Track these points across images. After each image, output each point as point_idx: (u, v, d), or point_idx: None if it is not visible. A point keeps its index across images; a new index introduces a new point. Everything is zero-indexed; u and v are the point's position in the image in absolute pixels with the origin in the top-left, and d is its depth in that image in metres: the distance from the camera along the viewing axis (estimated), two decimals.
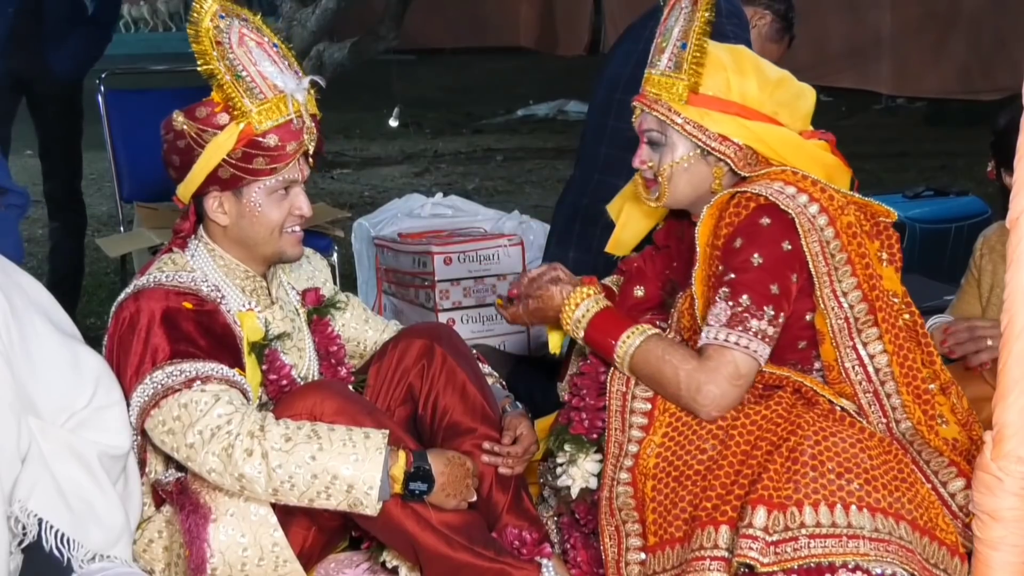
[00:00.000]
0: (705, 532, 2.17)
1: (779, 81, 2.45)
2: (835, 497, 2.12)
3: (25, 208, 2.82)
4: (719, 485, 2.22)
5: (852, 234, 2.32)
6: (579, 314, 2.43)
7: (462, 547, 2.37)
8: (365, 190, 7.75)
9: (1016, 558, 2.11)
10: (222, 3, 2.38)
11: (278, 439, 2.27)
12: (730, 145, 2.40)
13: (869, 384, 2.32)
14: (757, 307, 2.27)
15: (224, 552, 2.35)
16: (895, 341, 2.32)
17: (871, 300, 2.31)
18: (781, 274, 2.30)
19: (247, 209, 2.44)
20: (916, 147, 8.73)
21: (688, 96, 2.39)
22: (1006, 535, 2.11)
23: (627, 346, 2.36)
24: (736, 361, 2.27)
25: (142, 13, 16.22)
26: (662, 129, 2.44)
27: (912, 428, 2.32)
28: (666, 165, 2.44)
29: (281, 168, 2.41)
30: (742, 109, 2.40)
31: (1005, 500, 2.09)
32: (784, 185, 2.34)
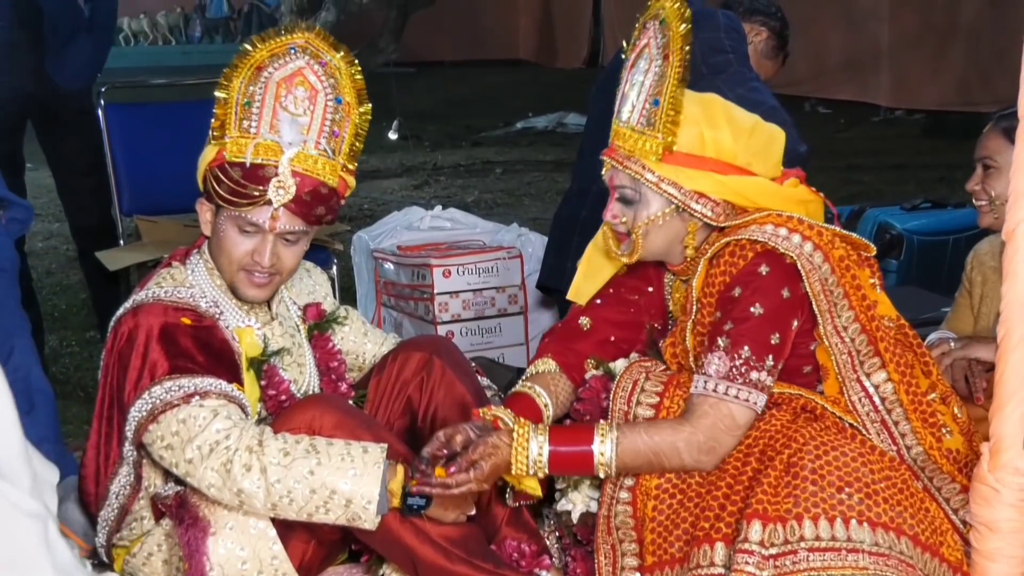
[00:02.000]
0: (701, 550, 2.17)
1: (751, 129, 2.40)
2: (835, 511, 2.12)
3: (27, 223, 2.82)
4: (716, 505, 2.22)
5: (845, 267, 2.31)
6: (534, 451, 2.26)
7: (461, 560, 2.37)
8: (364, 203, 7.76)
9: (1013, 569, 2.11)
10: (311, 40, 2.40)
11: (276, 454, 2.27)
12: (707, 202, 2.36)
13: (876, 414, 2.31)
14: (758, 358, 2.25)
15: (223, 565, 2.35)
16: (899, 368, 2.31)
17: (870, 331, 2.30)
18: (782, 323, 2.28)
19: (218, 230, 2.46)
20: (914, 159, 8.74)
21: (663, 154, 2.34)
22: (1003, 546, 2.12)
23: (607, 452, 2.27)
24: (733, 413, 2.25)
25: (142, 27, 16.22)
26: (635, 186, 2.38)
27: (924, 453, 2.31)
28: (641, 223, 2.39)
29: (244, 206, 2.39)
30: (716, 164, 2.35)
31: (1002, 511, 2.10)
32: (776, 227, 2.31)
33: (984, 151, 2.74)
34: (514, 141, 10.53)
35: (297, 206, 2.40)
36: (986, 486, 2.13)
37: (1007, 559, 2.12)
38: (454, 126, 11.16)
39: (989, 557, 2.14)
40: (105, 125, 4.59)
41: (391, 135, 10.13)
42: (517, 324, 4.33)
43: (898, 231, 4.65)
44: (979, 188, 2.75)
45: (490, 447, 2.27)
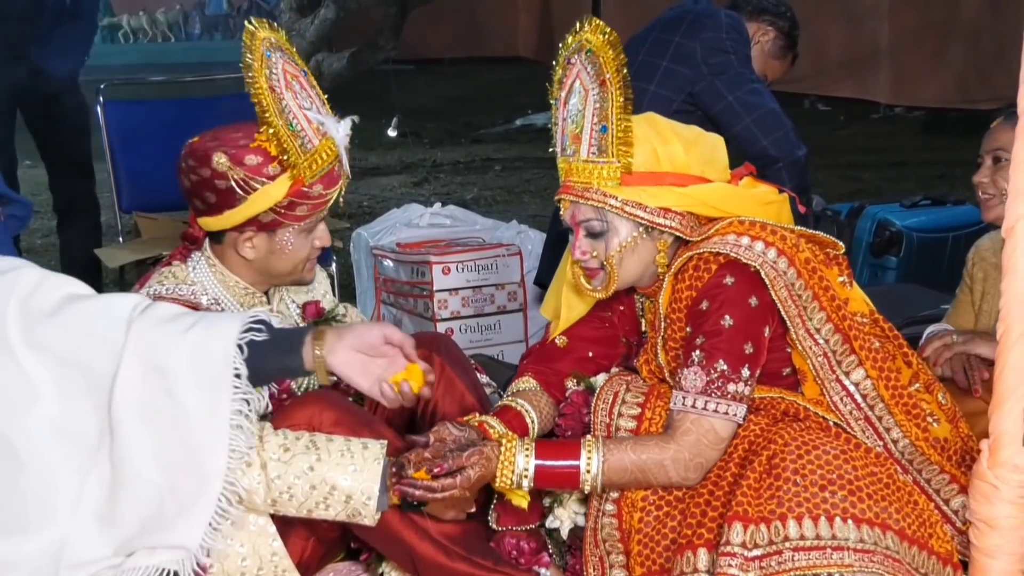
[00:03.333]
0: (684, 557, 2.18)
1: (696, 139, 2.42)
2: (819, 510, 2.12)
3: (26, 220, 2.81)
4: (698, 511, 2.23)
5: (811, 269, 2.32)
6: (520, 465, 2.28)
7: (460, 557, 2.37)
8: (364, 200, 7.75)
9: (1013, 566, 2.11)
10: (266, 34, 2.39)
11: (276, 450, 2.27)
12: (673, 216, 2.36)
13: (859, 412, 2.32)
14: (733, 370, 2.26)
15: (222, 561, 2.35)
16: (876, 364, 2.32)
17: (843, 330, 2.31)
18: (753, 332, 2.28)
19: (278, 247, 2.48)
20: (914, 156, 8.74)
21: (621, 178, 2.33)
22: (1002, 543, 2.11)
23: (593, 468, 2.27)
24: (715, 427, 2.26)
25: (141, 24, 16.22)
26: (601, 216, 2.37)
27: (910, 445, 2.32)
28: (613, 251, 2.39)
29: (320, 212, 2.48)
30: (675, 177, 2.36)
31: (1001, 508, 2.09)
32: (737, 237, 2.32)
33: (996, 143, 2.71)
34: (513, 138, 10.52)
35: None
36: (985, 483, 2.13)
37: (1007, 556, 2.12)
38: (453, 123, 11.16)
39: (989, 554, 2.14)
40: (104, 122, 4.60)
41: (390, 132, 10.14)
42: (516, 321, 4.33)
43: (898, 228, 4.66)
44: (987, 181, 2.73)
45: (482, 457, 2.27)
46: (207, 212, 2.46)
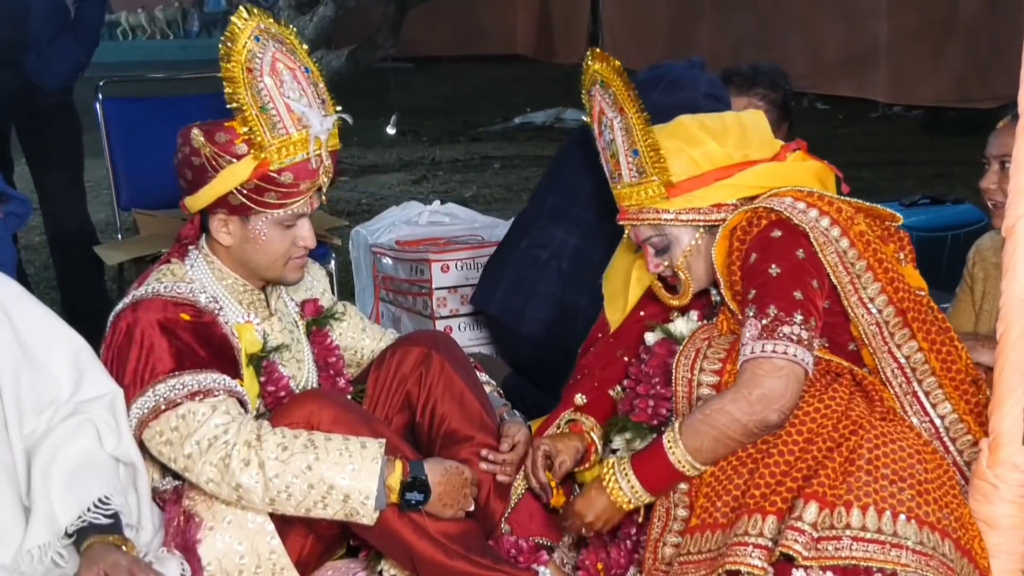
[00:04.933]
0: (752, 519, 2.15)
1: (729, 126, 2.47)
2: (885, 504, 2.10)
3: (25, 217, 2.81)
4: (768, 475, 2.19)
5: (866, 242, 2.34)
6: (626, 488, 2.34)
7: (459, 556, 2.37)
8: (362, 198, 7.75)
9: (1013, 565, 2.12)
10: (260, 22, 2.37)
11: (274, 448, 2.27)
12: (726, 208, 2.43)
13: (908, 386, 2.32)
14: (786, 314, 2.25)
15: (221, 560, 2.35)
16: (928, 336, 2.32)
17: (896, 302, 2.32)
18: (800, 280, 2.29)
19: (252, 235, 2.45)
20: (913, 155, 8.72)
21: (667, 191, 2.42)
22: (1002, 542, 2.12)
23: (677, 452, 2.29)
24: (774, 363, 2.23)
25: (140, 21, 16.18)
26: (660, 231, 2.47)
27: (958, 420, 2.30)
28: (679, 260, 2.47)
29: (292, 203, 2.42)
30: (718, 172, 2.43)
31: (1001, 507, 2.10)
32: (794, 200, 2.36)
33: (1002, 148, 2.65)
34: (512, 136, 10.51)
35: (331, 179, 2.47)
36: (985, 482, 2.13)
37: (1006, 555, 2.12)
38: (452, 121, 11.14)
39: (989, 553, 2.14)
40: (103, 119, 4.58)
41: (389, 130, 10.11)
42: None
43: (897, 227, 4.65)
44: (995, 187, 2.70)
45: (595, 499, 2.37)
46: (187, 191, 2.45)
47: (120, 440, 2.30)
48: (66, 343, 2.33)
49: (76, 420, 2.25)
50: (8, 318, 2.27)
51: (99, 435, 2.27)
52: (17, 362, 2.24)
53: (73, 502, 2.14)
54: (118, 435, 2.30)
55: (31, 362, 2.26)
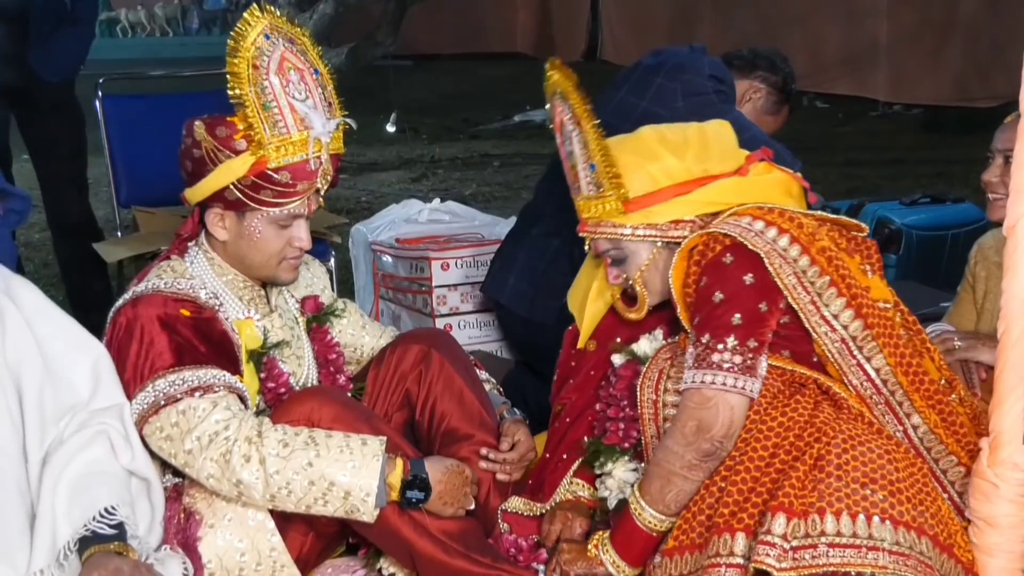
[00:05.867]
0: (722, 539, 2.16)
1: (690, 140, 2.46)
2: (858, 507, 2.10)
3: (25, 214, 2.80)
4: (736, 491, 2.20)
5: (829, 258, 2.31)
6: (608, 563, 2.36)
7: (459, 554, 2.37)
8: (362, 195, 7.74)
9: (1012, 564, 2.12)
10: (273, 20, 2.36)
11: (275, 445, 2.27)
12: (684, 225, 2.42)
13: (880, 396, 2.31)
14: (718, 340, 2.26)
15: (221, 557, 2.35)
16: (895, 352, 2.31)
17: (863, 316, 2.30)
18: (743, 306, 2.28)
19: (247, 232, 2.44)
20: (913, 154, 8.72)
21: (624, 206, 2.41)
22: (1002, 541, 2.12)
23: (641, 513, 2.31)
24: (703, 394, 2.26)
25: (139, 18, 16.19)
26: (617, 246, 2.47)
27: (929, 432, 2.30)
28: (636, 274, 2.47)
29: (288, 203, 2.41)
30: (677, 188, 2.42)
31: (1001, 506, 2.10)
32: (752, 220, 2.34)
33: (1008, 143, 2.61)
34: (512, 134, 10.51)
35: (332, 181, 2.46)
36: (985, 481, 2.13)
37: (1006, 554, 2.12)
38: (452, 119, 11.14)
39: (988, 552, 2.14)
40: (103, 116, 4.57)
41: (389, 128, 10.12)
42: None
43: (897, 226, 4.64)
44: (997, 180, 2.70)
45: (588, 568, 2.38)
46: (187, 182, 2.45)
47: (134, 455, 2.30)
48: (87, 352, 2.33)
49: (91, 431, 2.25)
50: (31, 328, 2.27)
51: (113, 447, 2.27)
52: (40, 375, 2.24)
53: (78, 512, 2.14)
54: (131, 448, 2.30)
55: (53, 373, 2.26)
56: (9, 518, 2.15)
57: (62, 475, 2.18)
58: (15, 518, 2.16)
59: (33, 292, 2.35)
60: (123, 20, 15.97)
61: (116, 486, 2.22)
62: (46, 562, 2.12)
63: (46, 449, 2.22)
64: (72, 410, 2.26)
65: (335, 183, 2.48)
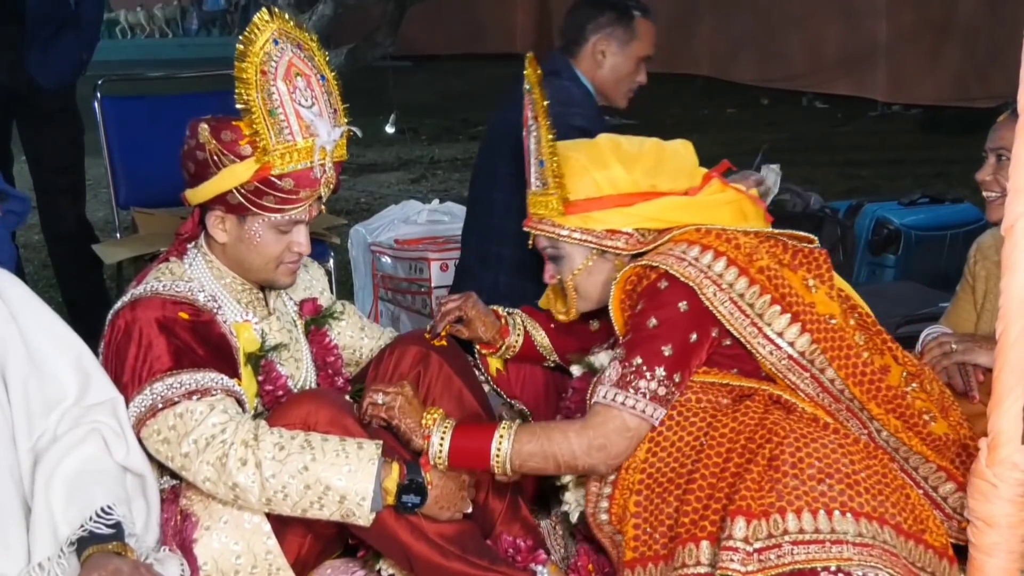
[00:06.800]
0: (687, 549, 2.18)
1: (644, 154, 2.48)
2: (817, 503, 2.13)
3: (24, 215, 2.80)
4: (694, 499, 2.22)
5: (769, 276, 2.32)
6: (435, 442, 2.37)
7: (456, 557, 2.37)
8: (361, 196, 7.74)
9: (1011, 564, 2.11)
10: (282, 25, 2.36)
11: (271, 448, 2.27)
12: (620, 236, 2.44)
13: (839, 404, 2.33)
14: (648, 367, 2.28)
15: (217, 560, 2.35)
16: (846, 364, 2.32)
17: (810, 331, 2.31)
18: (676, 336, 2.29)
19: (247, 236, 2.44)
20: (911, 154, 8.72)
21: (564, 207, 2.43)
22: (1001, 541, 2.11)
23: (503, 450, 2.33)
24: (625, 420, 2.28)
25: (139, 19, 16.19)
26: (554, 245, 2.49)
27: (892, 436, 2.33)
28: (568, 277, 2.50)
29: (290, 209, 2.41)
30: (619, 198, 2.44)
31: (1000, 506, 2.09)
32: (687, 247, 2.34)
33: (999, 141, 2.67)
34: None
35: (334, 188, 2.47)
36: (984, 481, 2.13)
37: (1005, 554, 2.12)
38: (451, 120, 11.14)
39: (987, 552, 2.13)
40: (102, 118, 4.57)
41: (388, 129, 10.11)
42: None
43: (896, 226, 4.65)
44: (991, 179, 2.70)
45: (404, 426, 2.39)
46: (189, 183, 2.45)
47: (129, 450, 2.30)
48: (69, 347, 2.33)
49: (84, 429, 2.25)
50: (15, 321, 2.27)
51: (107, 444, 2.27)
52: (25, 366, 2.25)
53: (75, 511, 2.14)
54: (126, 444, 2.30)
55: (37, 366, 2.26)
56: (3, 503, 2.15)
57: (56, 473, 2.18)
58: (10, 504, 2.16)
59: (19, 286, 2.35)
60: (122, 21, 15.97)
61: (112, 484, 2.21)
62: (46, 555, 2.12)
63: (35, 444, 2.22)
64: (59, 406, 2.25)
65: (336, 189, 2.48)
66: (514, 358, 2.82)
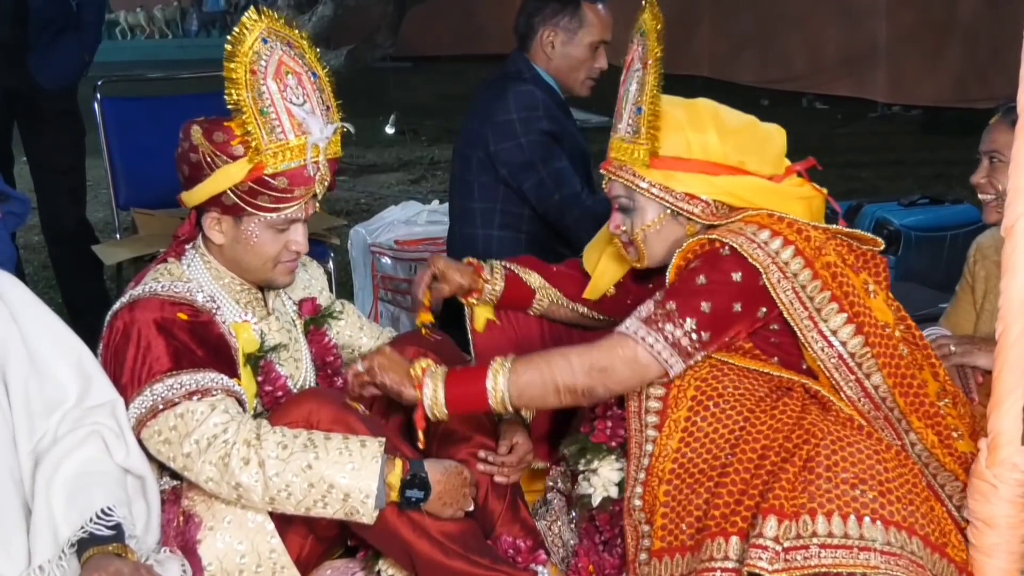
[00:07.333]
0: (715, 543, 2.16)
1: (741, 129, 2.44)
2: (849, 508, 2.11)
3: (24, 216, 2.80)
4: (726, 493, 2.20)
5: (833, 274, 2.30)
6: (428, 392, 2.35)
7: (458, 555, 2.37)
8: (361, 197, 7.74)
9: (1010, 564, 2.12)
10: (270, 24, 2.36)
11: (274, 447, 2.27)
12: (697, 203, 2.40)
13: (878, 411, 2.31)
14: (680, 315, 2.26)
15: (221, 559, 2.35)
16: (895, 373, 2.30)
17: (864, 333, 2.29)
18: (719, 297, 2.27)
19: (243, 236, 2.44)
20: (911, 155, 8.71)
21: (650, 160, 2.39)
22: (1000, 542, 2.12)
23: (499, 377, 2.31)
24: (636, 352, 2.27)
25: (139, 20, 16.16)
26: (629, 195, 2.45)
27: (926, 451, 2.30)
28: (638, 230, 2.45)
29: (285, 208, 2.41)
30: (706, 165, 2.40)
31: (1000, 507, 2.10)
32: (758, 229, 2.32)
33: (992, 144, 2.69)
34: None
35: (329, 186, 2.46)
36: (984, 482, 2.13)
37: (1005, 554, 2.13)
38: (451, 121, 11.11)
39: (987, 552, 2.14)
40: (102, 119, 4.57)
41: (388, 130, 10.11)
42: None
43: (896, 227, 4.65)
44: (985, 181, 2.71)
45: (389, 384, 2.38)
46: (184, 186, 2.45)
47: (128, 451, 2.30)
48: (70, 349, 2.33)
49: (84, 431, 2.25)
50: (16, 322, 2.27)
51: (107, 446, 2.27)
52: (25, 367, 2.25)
53: (75, 513, 2.14)
54: (126, 445, 2.30)
55: (37, 367, 2.26)
56: (4, 505, 2.15)
57: (57, 475, 2.18)
58: (10, 506, 2.16)
59: (19, 288, 2.35)
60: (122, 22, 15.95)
61: (112, 486, 2.22)
62: (47, 556, 2.12)
63: (36, 446, 2.22)
64: (60, 408, 2.26)
65: (332, 187, 2.48)
66: (505, 302, 2.79)
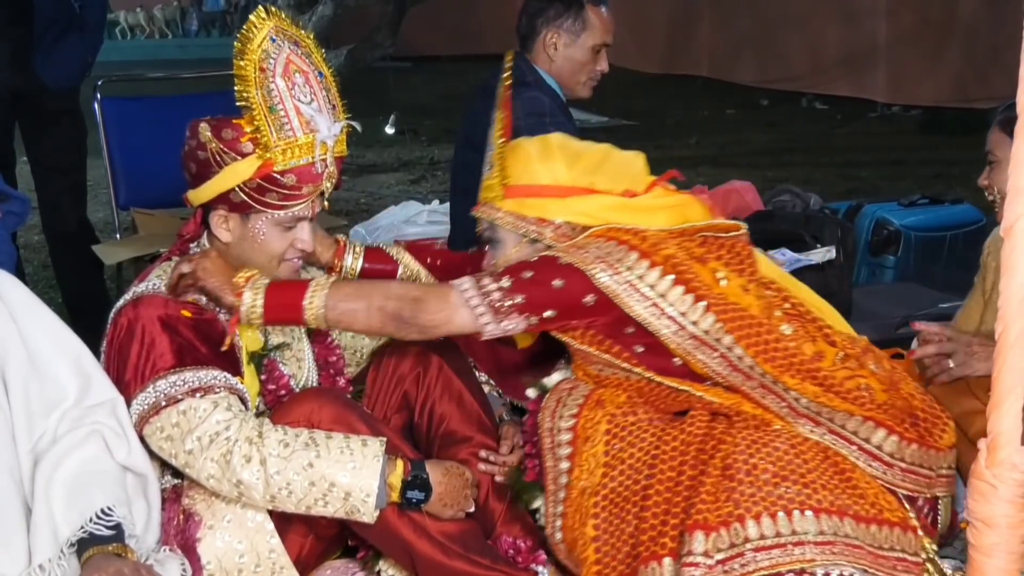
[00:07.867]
0: (649, 568, 2.18)
1: (590, 154, 2.50)
2: (776, 506, 2.14)
3: (24, 216, 2.81)
4: (651, 516, 2.22)
5: (674, 264, 2.32)
6: (248, 298, 2.36)
7: (458, 555, 2.38)
8: (361, 197, 7.74)
9: (1010, 565, 2.11)
10: (278, 23, 2.37)
11: (276, 445, 2.27)
12: (547, 225, 2.45)
13: (751, 381, 2.32)
14: (500, 274, 2.33)
15: (221, 559, 2.35)
16: (756, 344, 2.31)
17: (714, 311, 2.30)
18: (541, 272, 2.32)
19: (250, 234, 2.44)
20: (911, 155, 8.71)
21: (504, 192, 2.46)
22: (1000, 542, 2.11)
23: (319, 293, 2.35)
24: (450, 293, 2.33)
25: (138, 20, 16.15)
26: (491, 228, 2.51)
27: (813, 403, 2.31)
28: (501, 260, 2.49)
29: (293, 205, 2.42)
30: (556, 189, 2.46)
31: (999, 507, 2.09)
32: (595, 239, 2.37)
33: (987, 145, 2.72)
34: None
35: (336, 184, 2.47)
36: (983, 482, 2.13)
37: (1004, 555, 2.12)
38: (451, 121, 11.10)
39: (986, 553, 2.14)
40: (102, 118, 4.58)
41: (388, 130, 10.11)
42: None
43: (896, 227, 4.65)
44: (987, 183, 2.74)
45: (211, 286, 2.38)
46: (191, 184, 2.45)
47: (130, 450, 2.30)
48: (69, 349, 2.33)
49: (84, 430, 2.25)
50: (15, 322, 2.27)
51: (107, 445, 2.27)
52: (25, 366, 2.25)
53: (75, 513, 2.15)
54: (127, 444, 2.30)
55: (37, 367, 2.27)
56: (4, 505, 2.15)
57: (56, 474, 2.18)
58: (10, 505, 2.16)
59: (19, 287, 2.36)
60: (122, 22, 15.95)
61: (112, 486, 2.22)
62: (47, 556, 2.12)
63: (35, 445, 2.22)
64: (59, 407, 2.26)
65: (339, 185, 2.48)
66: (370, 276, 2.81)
